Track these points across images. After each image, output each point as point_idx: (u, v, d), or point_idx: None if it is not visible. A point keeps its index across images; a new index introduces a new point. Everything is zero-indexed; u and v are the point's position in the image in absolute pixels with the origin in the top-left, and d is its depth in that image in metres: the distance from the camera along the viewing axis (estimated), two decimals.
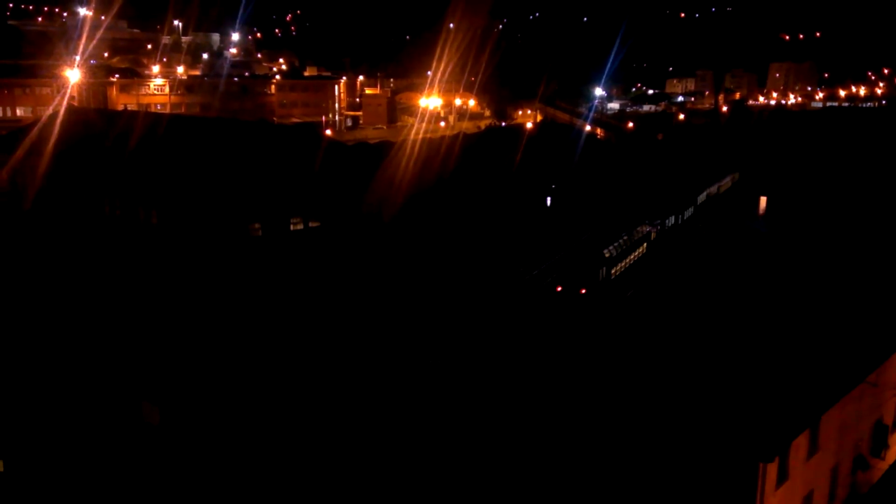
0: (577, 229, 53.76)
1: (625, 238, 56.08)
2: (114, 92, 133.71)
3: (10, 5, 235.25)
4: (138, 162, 57.88)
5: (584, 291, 47.66)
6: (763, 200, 73.26)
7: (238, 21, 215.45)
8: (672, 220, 66.88)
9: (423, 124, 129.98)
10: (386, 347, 27.21)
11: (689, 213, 71.82)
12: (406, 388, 25.62)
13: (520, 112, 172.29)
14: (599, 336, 26.81)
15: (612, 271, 53.10)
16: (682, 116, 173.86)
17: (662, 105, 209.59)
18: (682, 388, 23.06)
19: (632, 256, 56.57)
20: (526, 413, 23.70)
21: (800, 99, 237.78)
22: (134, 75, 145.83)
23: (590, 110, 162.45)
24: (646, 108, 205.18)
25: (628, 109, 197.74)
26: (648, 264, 56.53)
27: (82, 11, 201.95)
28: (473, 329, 28.95)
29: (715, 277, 32.59)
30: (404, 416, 25.33)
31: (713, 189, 79.70)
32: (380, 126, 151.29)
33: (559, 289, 46.46)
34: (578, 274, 49.19)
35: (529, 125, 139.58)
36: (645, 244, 59.04)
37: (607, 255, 52.98)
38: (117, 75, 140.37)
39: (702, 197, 76.77)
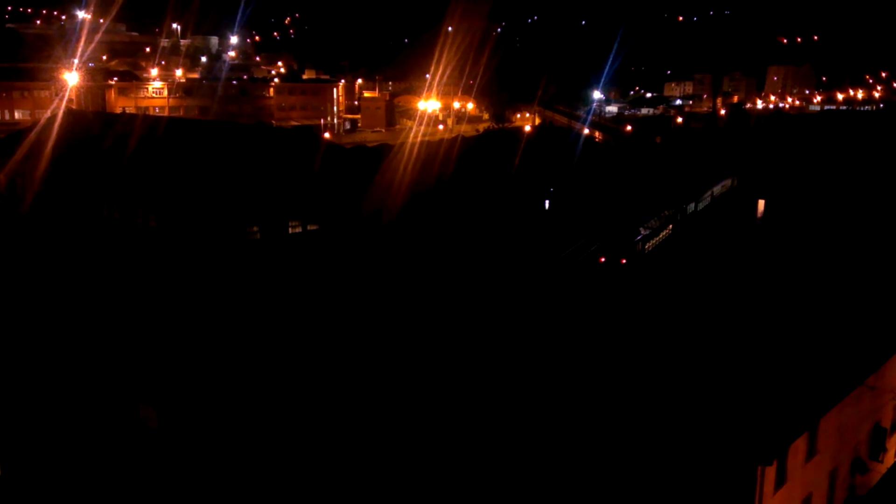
0: (591, 224, 58.48)
1: (655, 219, 63.46)
2: (112, 95, 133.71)
3: (9, 8, 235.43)
4: (137, 165, 57.86)
5: (624, 262, 53.42)
6: (761, 203, 73.28)
7: (236, 24, 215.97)
8: (693, 206, 74.25)
9: (422, 127, 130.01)
10: (386, 350, 27.20)
11: (707, 202, 77.73)
12: (406, 390, 25.60)
13: (518, 115, 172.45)
14: (601, 341, 26.82)
15: (646, 246, 59.99)
16: (680, 120, 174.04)
17: (660, 108, 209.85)
18: (682, 391, 23.06)
19: (661, 235, 63.82)
20: (526, 413, 23.71)
21: (798, 102, 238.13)
22: (132, 78, 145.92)
23: (588, 113, 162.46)
24: (644, 111, 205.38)
25: (626, 113, 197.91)
26: (675, 243, 63.55)
27: (81, 14, 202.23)
28: (506, 307, 29.73)
29: (713, 281, 32.63)
30: (404, 419, 25.31)
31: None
32: (378, 129, 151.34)
33: (602, 260, 52.15)
34: (619, 247, 55.22)
35: (528, 128, 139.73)
36: (671, 225, 66.52)
37: (643, 232, 60.28)
38: (116, 78, 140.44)
39: (717, 189, 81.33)
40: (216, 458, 28.20)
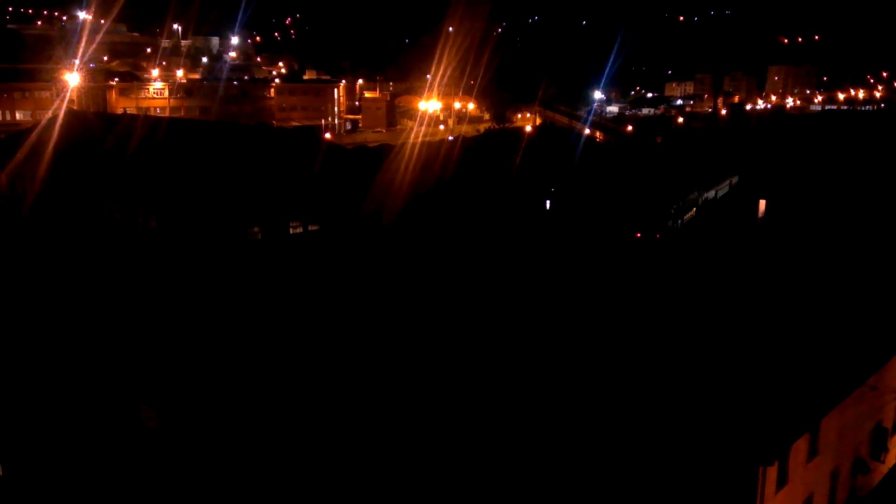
0: (619, 209, 64.80)
1: (682, 201, 70.87)
2: (113, 95, 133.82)
3: (10, 9, 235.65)
4: (137, 166, 57.86)
5: (658, 236, 59.57)
6: (762, 203, 73.25)
7: (237, 25, 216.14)
8: (714, 193, 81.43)
9: (423, 127, 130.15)
10: (387, 351, 27.19)
11: (724, 191, 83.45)
12: (407, 392, 25.59)
13: (519, 115, 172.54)
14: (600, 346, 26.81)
15: (675, 224, 67.42)
16: (680, 120, 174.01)
17: (661, 108, 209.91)
18: (683, 392, 23.04)
19: (687, 215, 71.41)
20: (524, 414, 23.70)
21: (798, 102, 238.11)
22: (133, 79, 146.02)
23: (589, 114, 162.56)
24: (644, 111, 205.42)
25: (627, 113, 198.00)
26: (697, 224, 71.22)
27: (82, 15, 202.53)
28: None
29: (714, 281, 32.62)
30: (404, 421, 25.31)
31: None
32: (379, 129, 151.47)
33: (638, 235, 57.90)
34: (654, 223, 62.50)
35: (529, 128, 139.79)
36: (694, 208, 73.98)
37: (673, 212, 67.54)
38: (117, 79, 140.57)
39: (734, 180, 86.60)
40: (216, 459, 28.21)
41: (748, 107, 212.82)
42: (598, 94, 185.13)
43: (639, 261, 39.52)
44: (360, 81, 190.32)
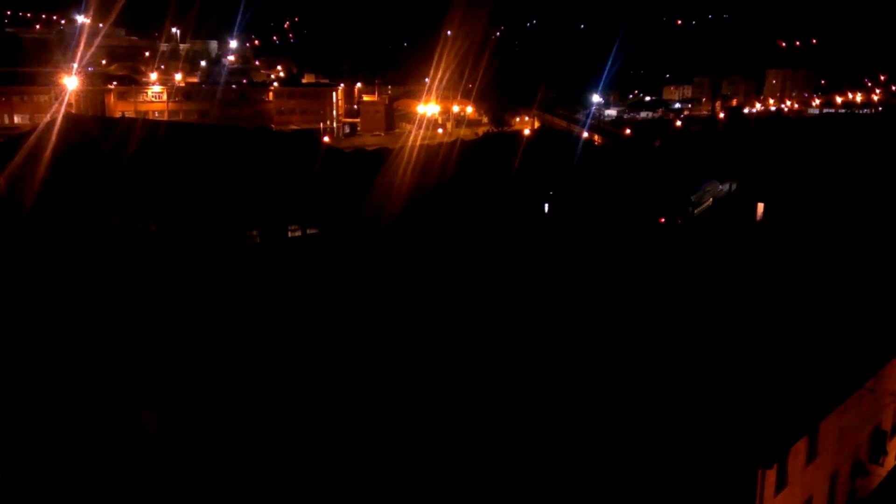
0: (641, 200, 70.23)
1: (700, 192, 77.22)
2: (111, 99, 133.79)
3: (9, 13, 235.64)
4: (136, 169, 57.87)
5: (679, 222, 66.27)
6: (760, 207, 73.35)
7: (236, 28, 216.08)
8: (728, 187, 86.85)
9: (421, 131, 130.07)
10: (387, 353, 27.17)
11: (734, 187, 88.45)
12: (407, 395, 25.57)
13: (517, 119, 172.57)
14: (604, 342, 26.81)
15: (695, 211, 73.57)
16: (679, 123, 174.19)
17: (660, 112, 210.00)
18: (683, 393, 23.05)
19: (705, 205, 77.42)
20: (523, 415, 23.70)
21: (796, 105, 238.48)
22: (132, 82, 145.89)
23: (587, 117, 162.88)
24: (643, 114, 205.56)
25: (625, 116, 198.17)
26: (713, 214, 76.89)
27: (80, 19, 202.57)
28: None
29: (713, 284, 32.64)
30: (404, 425, 25.29)
31: (727, 186, 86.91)
32: (378, 133, 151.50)
33: (662, 220, 63.55)
34: (676, 210, 68.89)
35: (527, 132, 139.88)
36: (711, 199, 79.11)
37: (693, 200, 73.50)
38: (115, 82, 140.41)
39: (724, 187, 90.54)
40: (215, 463, 28.17)
41: (746, 110, 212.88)
42: (596, 98, 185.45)
43: (657, 248, 40.79)
44: (359, 85, 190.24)
